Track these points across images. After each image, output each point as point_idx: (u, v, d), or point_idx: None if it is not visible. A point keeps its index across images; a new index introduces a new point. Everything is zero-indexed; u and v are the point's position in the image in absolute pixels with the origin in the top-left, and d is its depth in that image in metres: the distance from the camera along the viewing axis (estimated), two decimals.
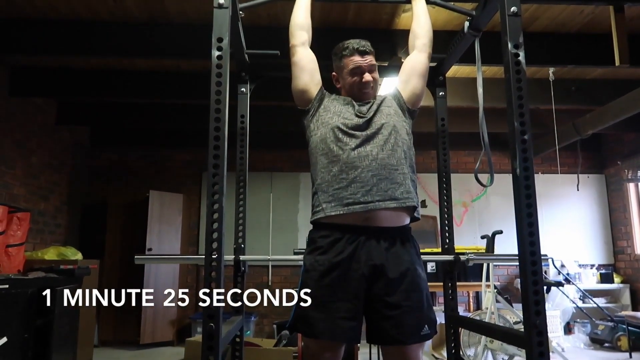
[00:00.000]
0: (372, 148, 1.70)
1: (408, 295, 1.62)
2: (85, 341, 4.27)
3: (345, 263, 1.61)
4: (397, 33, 3.69)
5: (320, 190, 1.71)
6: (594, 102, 4.67)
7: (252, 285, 6.02)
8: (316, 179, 1.75)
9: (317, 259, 1.65)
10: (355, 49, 1.81)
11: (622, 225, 6.09)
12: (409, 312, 1.60)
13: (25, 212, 4.19)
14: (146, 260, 3.39)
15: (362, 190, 1.64)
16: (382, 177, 1.66)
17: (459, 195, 6.15)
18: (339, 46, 1.88)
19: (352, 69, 1.82)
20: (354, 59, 1.81)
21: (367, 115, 1.78)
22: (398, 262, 1.65)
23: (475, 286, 5.08)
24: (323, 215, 1.67)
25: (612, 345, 5.10)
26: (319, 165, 1.74)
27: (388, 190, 1.65)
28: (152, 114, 5.33)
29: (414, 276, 1.66)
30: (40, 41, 3.59)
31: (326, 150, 1.73)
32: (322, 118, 1.80)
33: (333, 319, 1.57)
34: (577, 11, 3.46)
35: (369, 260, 1.62)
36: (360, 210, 1.63)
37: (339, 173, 1.67)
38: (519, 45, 1.50)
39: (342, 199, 1.65)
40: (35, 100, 4.88)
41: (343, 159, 1.68)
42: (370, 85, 1.83)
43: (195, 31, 3.55)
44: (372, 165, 1.67)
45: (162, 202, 5.67)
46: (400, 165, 1.72)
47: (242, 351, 2.26)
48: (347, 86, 1.86)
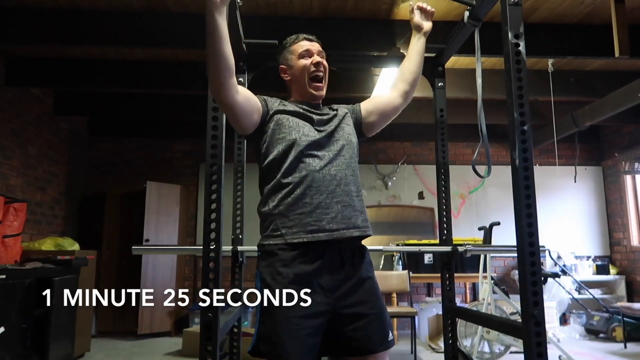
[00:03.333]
0: (336, 171, 1.61)
1: (372, 304, 1.58)
2: (83, 331, 4.28)
3: (309, 276, 1.52)
4: (396, 23, 3.67)
5: (278, 214, 1.57)
6: (593, 93, 4.66)
7: (250, 276, 6.08)
8: (272, 200, 1.59)
9: (279, 271, 1.52)
10: (303, 37, 1.77)
11: (619, 217, 6.11)
12: (375, 320, 1.56)
13: (22, 203, 4.19)
14: (144, 251, 3.39)
15: (326, 217, 1.54)
16: (345, 204, 1.59)
17: (456, 187, 6.15)
18: (285, 40, 1.81)
19: (301, 52, 1.73)
20: (302, 43, 1.75)
21: (327, 129, 1.68)
22: (358, 273, 1.60)
23: (472, 277, 5.10)
24: (282, 241, 1.54)
25: (607, 335, 5.14)
26: (276, 186, 1.59)
27: (351, 218, 1.59)
28: (150, 104, 5.30)
29: (373, 284, 1.63)
30: (37, 30, 3.55)
31: (286, 170, 1.58)
32: (277, 134, 1.63)
33: (300, 337, 1.45)
34: (578, 2, 3.45)
35: (331, 273, 1.55)
36: (324, 239, 1.53)
37: (302, 197, 1.55)
38: (520, 35, 1.49)
39: (305, 225, 1.53)
40: (32, 90, 4.85)
41: (307, 181, 1.56)
42: (321, 68, 1.74)
43: (194, 21, 3.52)
44: (336, 191, 1.58)
45: (160, 193, 5.67)
46: (359, 191, 1.67)
47: (240, 341, 2.27)
48: (297, 73, 1.74)
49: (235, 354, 2.25)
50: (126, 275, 5.63)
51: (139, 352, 4.68)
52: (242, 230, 2.29)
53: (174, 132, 6.20)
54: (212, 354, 1.36)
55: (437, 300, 5.10)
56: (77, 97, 5.31)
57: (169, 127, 6.17)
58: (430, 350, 4.70)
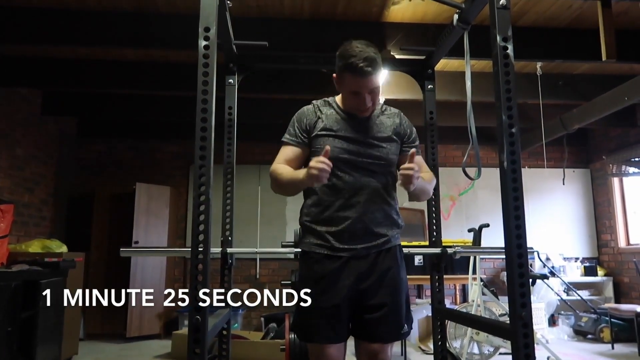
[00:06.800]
0: (364, 198, 1.71)
1: (390, 297, 1.69)
2: (70, 334, 4.24)
3: (336, 274, 1.68)
4: (387, 25, 3.68)
5: (309, 225, 1.76)
6: (581, 97, 4.71)
7: (240, 278, 6.06)
8: (309, 214, 1.77)
9: (312, 267, 1.71)
10: (358, 68, 1.61)
11: (607, 219, 6.17)
12: (391, 312, 1.68)
13: (9, 204, 4.13)
14: (132, 252, 3.36)
15: (350, 240, 1.69)
16: (371, 233, 1.71)
17: (446, 189, 6.18)
18: (344, 53, 1.65)
19: (351, 91, 1.69)
20: (355, 80, 1.65)
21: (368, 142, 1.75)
22: (383, 267, 1.71)
23: (461, 279, 5.12)
24: (308, 249, 1.75)
25: (595, 337, 5.19)
26: (313, 200, 1.76)
27: (374, 240, 1.72)
28: (140, 105, 5.27)
29: (395, 276, 1.72)
30: (25, 30, 3.52)
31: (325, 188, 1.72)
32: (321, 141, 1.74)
33: (326, 324, 1.64)
34: (566, 6, 3.48)
35: (354, 271, 1.68)
36: (347, 255, 1.69)
37: (329, 220, 1.71)
38: (508, 39, 1.50)
39: (329, 240, 1.70)
40: (20, 90, 4.80)
41: (336, 205, 1.70)
42: (367, 109, 1.75)
43: (183, 21, 3.50)
44: (362, 218, 1.69)
45: (150, 195, 5.63)
46: (388, 217, 1.76)
47: (229, 344, 2.25)
48: (345, 101, 1.79)
49: (225, 357, 2.24)
50: (115, 278, 5.58)
51: (128, 355, 4.64)
52: (231, 232, 2.28)
53: (164, 133, 6.16)
54: (201, 357, 1.35)
55: (427, 302, 5.11)
56: (65, 98, 5.26)
57: (158, 128, 6.14)
58: (420, 352, 4.71)
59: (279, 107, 5.30)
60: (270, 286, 6.23)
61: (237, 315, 5.36)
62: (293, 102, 5.96)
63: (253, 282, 6.01)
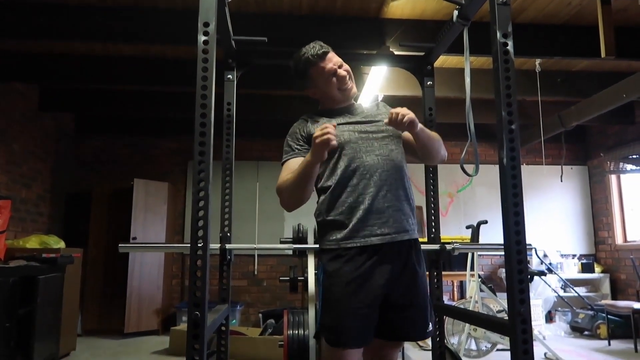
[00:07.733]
0: (387, 177, 1.68)
1: (418, 297, 1.68)
2: (68, 330, 4.24)
3: (368, 273, 1.61)
4: (386, 22, 3.67)
5: (331, 219, 1.67)
6: (579, 94, 4.71)
7: (238, 275, 6.06)
8: (329, 209, 1.68)
9: (342, 267, 1.61)
10: (315, 54, 1.76)
11: (604, 216, 6.19)
12: (420, 311, 1.68)
13: (6, 200, 4.11)
14: (130, 248, 3.36)
15: (378, 222, 1.63)
16: (396, 209, 1.66)
17: (445, 186, 6.18)
18: (297, 58, 1.80)
19: (326, 77, 1.77)
20: (322, 64, 1.76)
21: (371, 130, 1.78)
22: (409, 269, 1.68)
23: (459, 275, 5.14)
24: (336, 246, 1.64)
25: (592, 333, 5.21)
26: (329, 191, 1.68)
27: (402, 222, 1.66)
28: (138, 101, 5.25)
29: (422, 279, 1.72)
30: (22, 25, 3.49)
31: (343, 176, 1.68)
32: None
33: (361, 327, 1.58)
34: (565, 3, 3.48)
35: (386, 270, 1.62)
36: (377, 242, 1.62)
37: (353, 206, 1.64)
38: (508, 35, 1.50)
39: (357, 230, 1.62)
40: (16, 86, 4.77)
41: (359, 189, 1.65)
42: (347, 83, 1.80)
43: (182, 17, 3.49)
44: (387, 196, 1.65)
45: (148, 191, 5.62)
46: (408, 195, 1.73)
47: (228, 340, 2.26)
48: (328, 95, 1.82)
49: (223, 352, 2.24)
50: (113, 274, 5.58)
51: (126, 351, 4.64)
52: (230, 228, 2.27)
53: (162, 129, 6.15)
54: (200, 353, 1.35)
55: None
56: (63, 94, 5.24)
57: (157, 125, 6.12)
58: (418, 348, 4.72)
59: (278, 104, 5.29)
60: (269, 282, 6.28)
61: (236, 311, 5.36)
62: (292, 98, 5.97)
63: (251, 279, 6.01)
